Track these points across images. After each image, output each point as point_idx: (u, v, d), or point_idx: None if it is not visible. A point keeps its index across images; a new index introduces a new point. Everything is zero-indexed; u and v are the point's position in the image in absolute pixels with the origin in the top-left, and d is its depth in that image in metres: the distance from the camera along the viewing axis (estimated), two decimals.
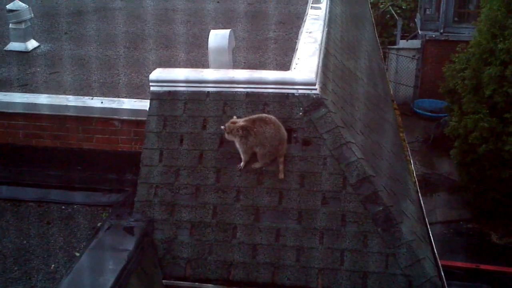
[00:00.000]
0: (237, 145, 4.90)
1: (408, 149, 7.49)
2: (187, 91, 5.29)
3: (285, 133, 4.88)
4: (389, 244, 4.59)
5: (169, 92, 5.31)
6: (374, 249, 4.60)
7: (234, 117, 4.96)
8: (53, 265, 4.60)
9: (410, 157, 7.20)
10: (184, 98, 5.27)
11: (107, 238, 4.70)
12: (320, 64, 5.55)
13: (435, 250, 4.97)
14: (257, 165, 4.95)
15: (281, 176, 4.88)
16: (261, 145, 4.84)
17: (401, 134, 7.73)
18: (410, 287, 4.47)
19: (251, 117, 4.92)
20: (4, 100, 6.02)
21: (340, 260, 4.62)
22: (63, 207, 5.35)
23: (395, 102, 9.38)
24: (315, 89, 5.09)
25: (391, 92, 9.98)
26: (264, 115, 4.94)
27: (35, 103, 5.97)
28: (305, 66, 5.38)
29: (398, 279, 4.51)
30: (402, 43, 19.73)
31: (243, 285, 4.68)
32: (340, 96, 5.72)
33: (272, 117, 4.91)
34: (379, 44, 12.19)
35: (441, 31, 18.95)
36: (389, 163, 5.90)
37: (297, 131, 5.01)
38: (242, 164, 4.95)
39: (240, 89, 5.23)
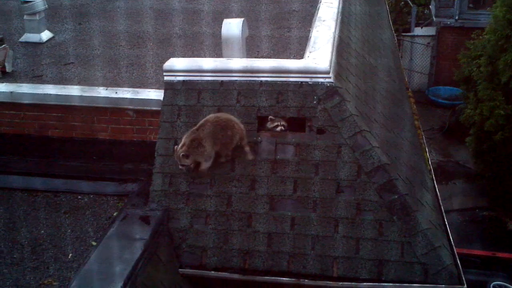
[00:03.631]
0: (201, 159, 4.92)
1: (423, 137, 7.44)
2: (201, 80, 5.28)
3: (233, 126, 4.91)
4: (404, 232, 4.57)
5: (183, 81, 5.31)
6: (390, 237, 4.59)
7: (176, 147, 4.95)
8: (70, 255, 4.65)
9: (426, 145, 7.14)
10: (198, 88, 5.27)
11: (123, 228, 4.74)
12: (334, 53, 5.51)
13: (451, 238, 4.94)
14: (222, 159, 5.00)
15: (250, 157, 4.95)
16: (224, 146, 4.94)
17: (416, 122, 7.67)
18: (426, 275, 4.46)
19: (195, 130, 4.92)
20: (19, 91, 6.06)
21: (355, 249, 4.62)
22: (80, 197, 5.39)
23: (409, 90, 9.31)
24: (329, 78, 5.06)
25: (406, 80, 9.90)
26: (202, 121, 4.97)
27: (50, 94, 6.00)
28: (319, 54, 5.35)
29: (414, 267, 4.49)
30: (417, 31, 19.50)
31: (259, 273, 4.69)
32: (355, 84, 5.68)
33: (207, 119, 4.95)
34: (393, 31, 12.08)
35: (456, 17, 18.72)
36: (404, 151, 5.87)
37: (311, 120, 4.99)
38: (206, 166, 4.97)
39: (254, 78, 5.22)
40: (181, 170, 4.95)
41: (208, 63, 5.45)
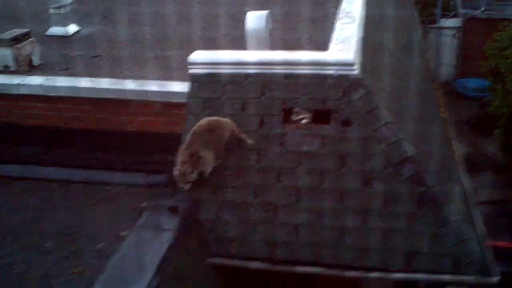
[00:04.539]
0: (204, 168, 4.88)
1: (451, 129, 7.37)
2: (226, 73, 5.30)
3: (225, 123, 4.97)
4: (434, 224, 4.55)
5: (208, 74, 5.33)
6: (419, 229, 4.57)
7: (173, 169, 4.90)
8: (101, 244, 4.72)
9: (453, 137, 7.08)
10: (223, 80, 5.29)
11: (152, 218, 4.80)
12: (359, 45, 5.48)
13: (481, 230, 4.90)
14: (249, 141, 5.03)
15: (250, 141, 5.00)
16: (217, 146, 4.93)
17: (443, 114, 7.61)
18: (456, 267, 4.44)
19: (187, 146, 4.88)
20: (47, 84, 6.15)
21: (384, 240, 4.61)
22: (109, 188, 5.46)
23: (436, 81, 9.22)
24: (355, 70, 5.04)
25: (432, 72, 9.81)
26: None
27: (78, 87, 6.08)
28: (344, 46, 5.32)
29: (444, 259, 4.48)
30: (443, 22, 19.28)
31: (286, 264, 4.72)
32: (380, 77, 5.66)
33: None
34: (418, 22, 11.97)
35: (483, 9, 18.46)
36: (432, 143, 5.83)
37: (337, 112, 4.98)
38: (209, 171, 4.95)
39: (279, 70, 5.21)
40: (185, 188, 4.83)
41: (232, 55, 5.47)
